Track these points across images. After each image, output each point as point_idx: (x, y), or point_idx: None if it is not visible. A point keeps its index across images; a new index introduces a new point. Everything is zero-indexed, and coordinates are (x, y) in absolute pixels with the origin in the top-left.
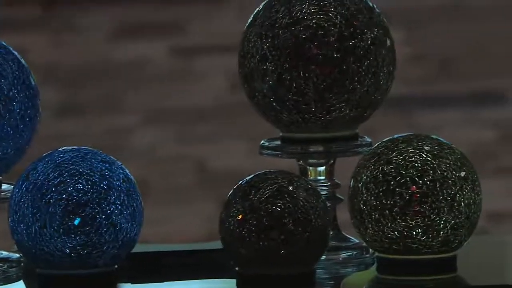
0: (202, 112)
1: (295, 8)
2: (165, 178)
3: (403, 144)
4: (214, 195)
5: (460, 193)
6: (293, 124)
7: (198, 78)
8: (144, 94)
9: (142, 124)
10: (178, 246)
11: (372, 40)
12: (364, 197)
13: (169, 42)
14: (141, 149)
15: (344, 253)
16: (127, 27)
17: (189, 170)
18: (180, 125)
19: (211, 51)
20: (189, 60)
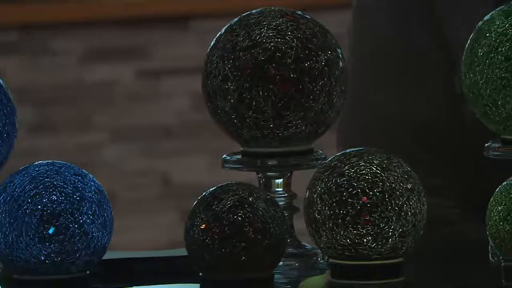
0: (167, 129)
1: (255, 32)
2: (131, 191)
3: (354, 158)
4: (177, 206)
5: (407, 204)
6: (252, 140)
7: (162, 98)
8: (112, 113)
9: (110, 141)
10: (146, 253)
11: (326, 61)
12: (319, 207)
13: (135, 65)
14: (109, 163)
15: (300, 259)
16: (97, 51)
17: (154, 183)
18: (145, 142)
19: (175, 73)
20: (154, 81)
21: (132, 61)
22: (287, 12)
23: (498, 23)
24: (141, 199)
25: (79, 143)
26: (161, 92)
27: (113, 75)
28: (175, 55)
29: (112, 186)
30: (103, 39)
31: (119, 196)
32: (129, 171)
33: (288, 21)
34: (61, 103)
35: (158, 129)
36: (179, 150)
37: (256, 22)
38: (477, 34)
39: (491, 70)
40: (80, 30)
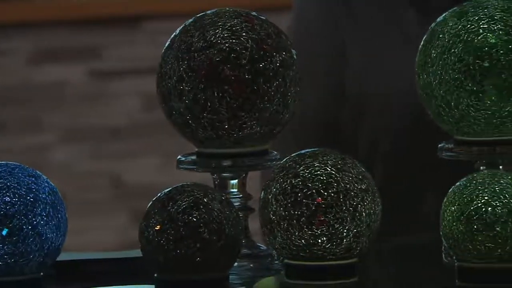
0: (118, 130)
1: (209, 33)
2: (81, 192)
3: (309, 158)
4: (128, 207)
5: (361, 204)
6: (207, 140)
7: (113, 98)
8: (62, 114)
9: (60, 142)
10: (100, 254)
11: (280, 62)
12: (274, 208)
13: (86, 65)
14: (59, 165)
15: (255, 259)
16: (47, 52)
17: (104, 184)
18: (96, 143)
19: (126, 74)
20: (105, 82)
21: (83, 62)
22: (242, 13)
23: (451, 24)
24: (91, 201)
25: (29, 144)
26: (112, 93)
27: (63, 76)
28: (126, 56)
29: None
30: (54, 40)
31: (69, 197)
32: (80, 172)
33: (243, 22)
34: (10, 104)
35: (109, 130)
36: (130, 151)
37: (211, 23)
38: (430, 35)
39: (444, 71)
40: (29, 30)
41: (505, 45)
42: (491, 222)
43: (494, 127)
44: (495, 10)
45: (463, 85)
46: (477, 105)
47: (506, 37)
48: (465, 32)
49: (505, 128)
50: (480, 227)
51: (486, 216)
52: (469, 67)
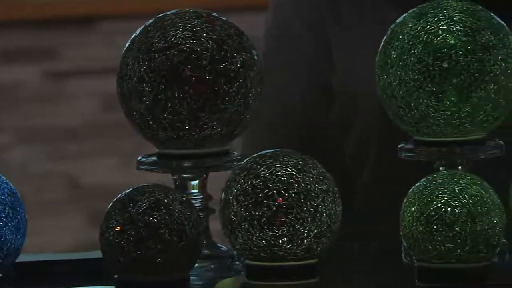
0: (74, 131)
1: (170, 34)
2: (38, 193)
3: (270, 159)
4: (85, 208)
5: (322, 205)
6: (168, 141)
7: (69, 99)
8: (18, 115)
9: (17, 143)
10: (61, 256)
11: (241, 63)
12: (235, 208)
13: (41, 66)
14: (15, 166)
15: (216, 260)
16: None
17: (61, 185)
18: (52, 144)
19: (82, 74)
20: (60, 82)
21: (38, 62)
22: (202, 13)
23: (410, 26)
24: (48, 202)
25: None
26: (68, 94)
27: (19, 77)
28: (82, 56)
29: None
30: (8, 40)
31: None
32: (36, 173)
33: (204, 23)
34: None
35: (65, 131)
36: (86, 152)
37: (171, 23)
38: (390, 36)
39: (404, 72)
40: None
41: (464, 46)
42: (450, 222)
43: (453, 128)
44: (454, 12)
45: (423, 86)
46: (436, 105)
47: (465, 38)
48: (424, 33)
49: (464, 128)
50: (440, 227)
51: (445, 217)
52: (429, 68)
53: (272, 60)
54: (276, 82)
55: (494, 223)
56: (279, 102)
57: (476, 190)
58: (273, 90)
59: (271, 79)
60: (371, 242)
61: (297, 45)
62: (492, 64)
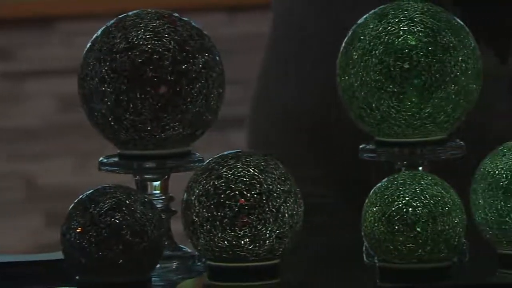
0: (32, 132)
1: (131, 34)
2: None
3: (232, 160)
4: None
5: (284, 205)
6: (130, 142)
7: (27, 100)
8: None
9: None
10: (21, 257)
11: (203, 64)
12: (197, 209)
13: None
14: None
15: (177, 261)
16: None
17: (18, 186)
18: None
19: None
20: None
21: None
22: (164, 14)
23: (371, 26)
24: (5, 203)
25: None
26: (26, 94)
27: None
28: (40, 57)
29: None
30: None
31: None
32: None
33: (165, 23)
34: None
35: (22, 131)
36: (44, 153)
37: (132, 24)
38: (352, 37)
39: (365, 72)
40: None
41: (425, 47)
42: (411, 223)
43: (414, 128)
44: (415, 12)
45: (384, 87)
46: (398, 106)
47: (426, 39)
48: (385, 34)
49: (425, 129)
50: (401, 228)
51: (406, 217)
52: (390, 68)
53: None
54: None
55: (455, 223)
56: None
57: (437, 190)
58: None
59: (276, 76)
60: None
61: (305, 40)
62: (452, 65)
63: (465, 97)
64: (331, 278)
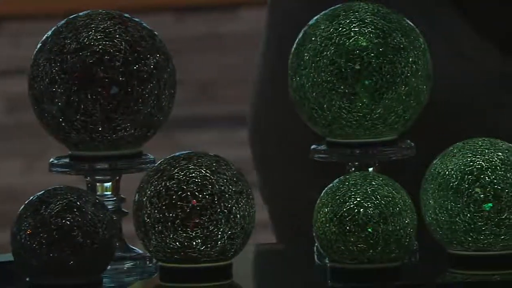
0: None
1: (82, 35)
2: None
3: (184, 161)
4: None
5: (236, 206)
6: (81, 143)
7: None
8: None
9: None
10: None
11: (155, 64)
12: (148, 210)
13: None
14: None
15: (129, 262)
16: None
17: None
18: None
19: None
20: None
21: None
22: (115, 14)
23: (323, 27)
24: None
25: None
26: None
27: None
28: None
29: None
30: None
31: None
32: None
33: (116, 24)
34: None
35: None
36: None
37: (83, 24)
38: (303, 38)
39: (316, 73)
40: None
41: (376, 48)
42: (363, 223)
43: (365, 129)
44: (366, 14)
45: (335, 88)
46: (349, 107)
47: (376, 40)
48: (337, 35)
49: (376, 130)
50: (352, 228)
51: (358, 217)
52: (341, 69)
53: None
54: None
55: (406, 223)
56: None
57: (388, 191)
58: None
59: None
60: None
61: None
62: (403, 66)
63: (415, 98)
64: (282, 279)
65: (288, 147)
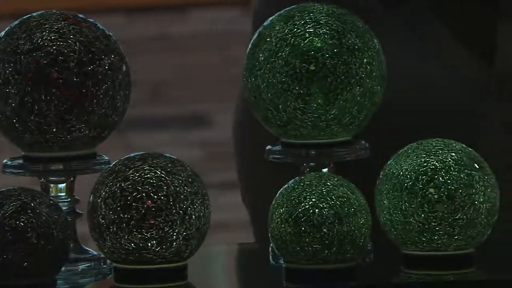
0: None
1: (36, 35)
2: None
3: (139, 162)
4: None
5: (191, 207)
6: (35, 144)
7: None
8: None
9: None
10: None
11: (109, 65)
12: (103, 211)
13: None
14: None
15: (83, 264)
16: None
17: None
18: None
19: None
20: None
21: None
22: (69, 15)
23: (278, 28)
24: None
25: None
26: None
27: None
28: None
29: None
30: None
31: None
32: None
33: (70, 25)
34: None
35: None
36: None
37: (37, 25)
38: (258, 39)
39: (272, 74)
40: None
41: (330, 49)
42: (318, 224)
43: (320, 130)
44: (320, 15)
45: (290, 89)
46: (304, 108)
47: (331, 41)
48: (291, 36)
49: (331, 130)
50: (308, 229)
51: (313, 218)
52: (296, 70)
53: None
54: None
55: (361, 224)
56: None
57: (343, 191)
58: None
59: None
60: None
61: None
62: (357, 66)
63: (370, 99)
64: (238, 280)
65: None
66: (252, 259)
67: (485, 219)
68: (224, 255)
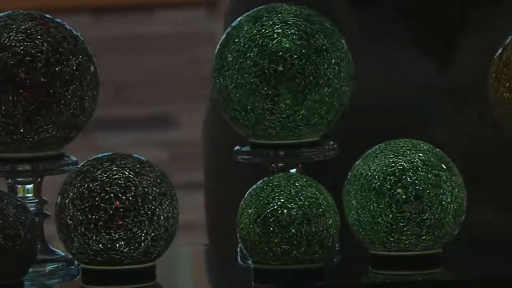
0: None
1: (3, 36)
2: None
3: (107, 162)
4: None
5: (159, 208)
6: (2, 145)
7: None
8: None
9: None
10: None
11: (77, 66)
12: (71, 212)
13: None
14: None
15: (51, 265)
16: None
17: None
18: None
19: None
20: None
21: None
22: (36, 15)
23: (246, 29)
24: None
25: None
26: None
27: None
28: None
29: None
30: None
31: None
32: None
33: (38, 25)
34: None
35: None
36: None
37: (4, 25)
38: (226, 39)
39: (240, 75)
40: None
41: (298, 50)
42: (286, 224)
43: (289, 130)
44: (289, 15)
45: (259, 89)
46: (272, 108)
47: (299, 42)
48: (260, 37)
49: (299, 131)
50: (276, 229)
51: (282, 218)
52: (264, 71)
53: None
54: None
55: (329, 224)
56: None
57: (311, 192)
58: None
59: None
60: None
61: None
62: (326, 67)
63: (338, 99)
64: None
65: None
66: (220, 260)
67: (453, 219)
68: (193, 256)
